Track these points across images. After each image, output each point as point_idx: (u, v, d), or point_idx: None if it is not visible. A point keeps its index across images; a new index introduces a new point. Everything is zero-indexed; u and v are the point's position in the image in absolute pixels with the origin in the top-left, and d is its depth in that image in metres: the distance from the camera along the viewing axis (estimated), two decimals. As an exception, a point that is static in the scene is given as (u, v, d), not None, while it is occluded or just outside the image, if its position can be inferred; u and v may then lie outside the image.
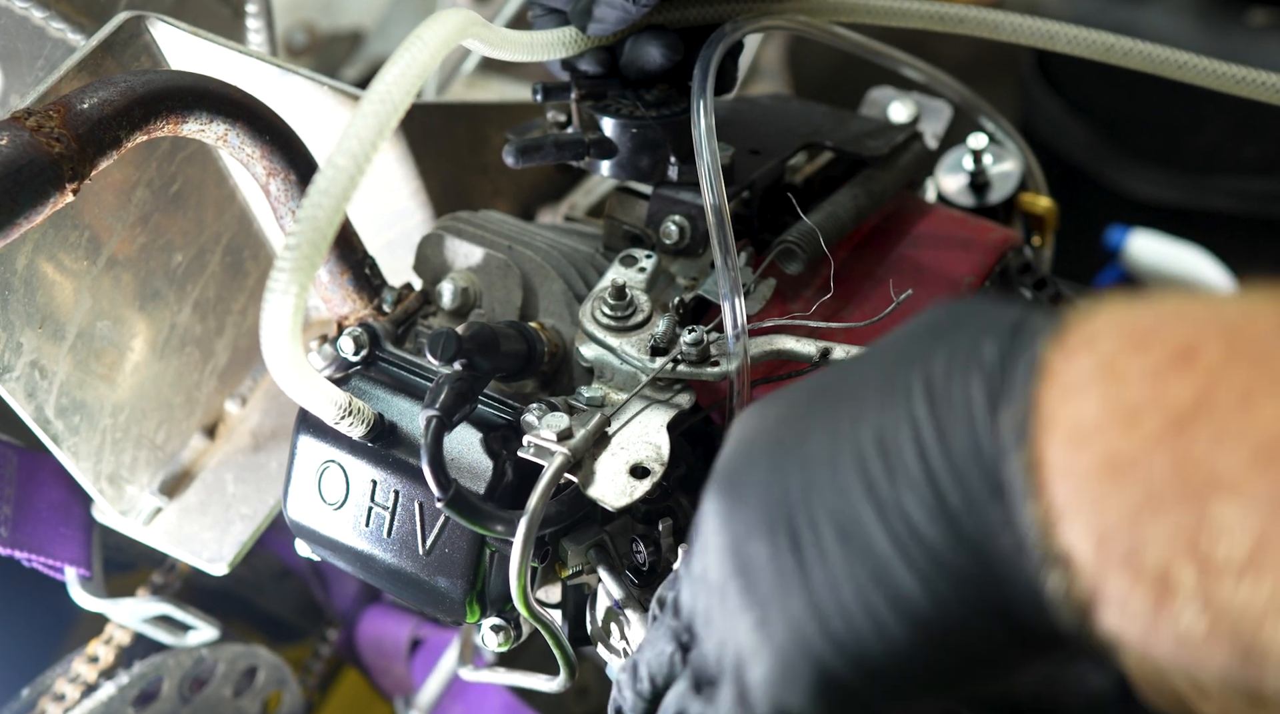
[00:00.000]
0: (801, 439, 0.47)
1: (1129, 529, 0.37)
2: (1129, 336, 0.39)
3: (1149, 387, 0.37)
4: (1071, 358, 0.40)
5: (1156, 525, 0.37)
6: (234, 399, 0.98)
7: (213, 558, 0.88)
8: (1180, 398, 0.37)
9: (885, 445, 0.43)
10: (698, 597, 0.50)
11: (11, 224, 0.62)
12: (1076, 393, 0.39)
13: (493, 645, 0.71)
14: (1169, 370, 0.37)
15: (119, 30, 0.78)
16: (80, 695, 0.92)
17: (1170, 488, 0.36)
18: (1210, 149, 1.61)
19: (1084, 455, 0.38)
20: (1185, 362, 0.37)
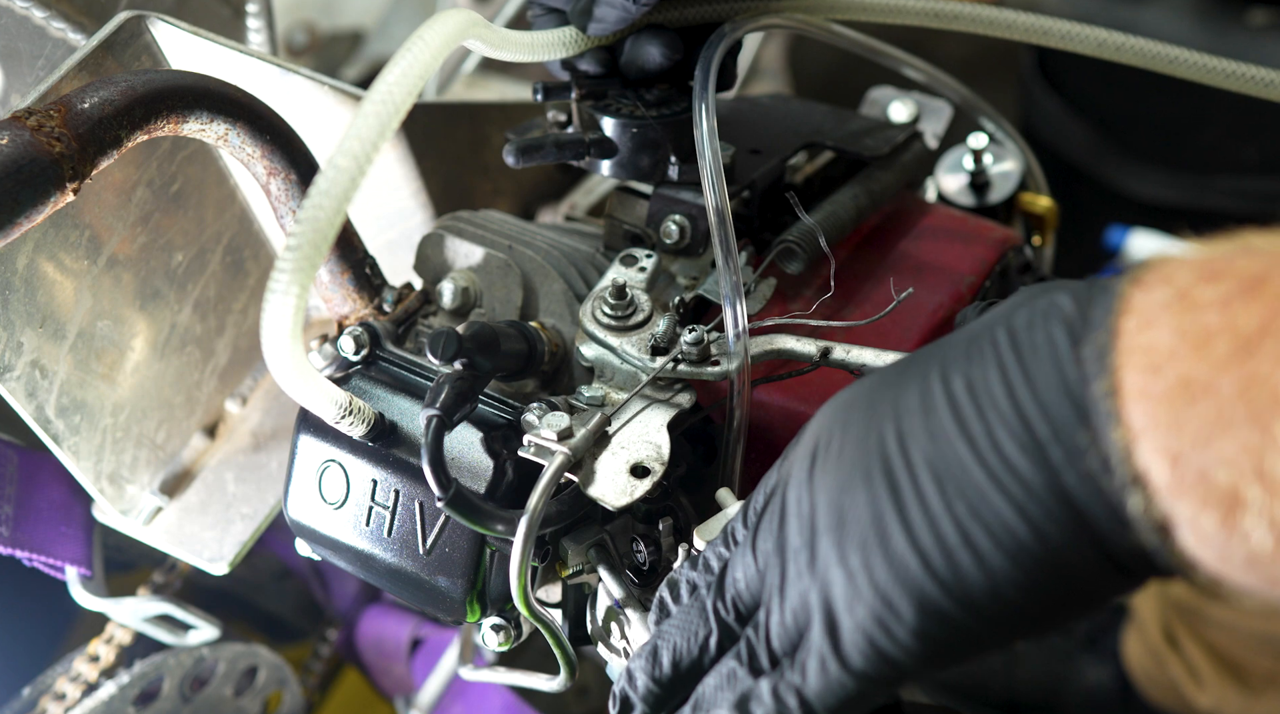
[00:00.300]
0: (894, 397, 0.49)
1: (1200, 449, 0.39)
2: (1201, 270, 0.41)
3: (1219, 313, 0.39)
4: (1148, 291, 0.42)
5: (1225, 445, 0.38)
6: (234, 399, 0.98)
7: (213, 557, 0.88)
8: (1249, 323, 0.39)
9: (975, 389, 0.46)
10: (769, 568, 0.52)
11: (12, 223, 0.62)
12: (1152, 321, 0.41)
13: (493, 645, 0.71)
14: (1238, 298, 0.39)
15: (119, 30, 0.78)
16: (81, 694, 0.92)
17: (1238, 409, 0.38)
18: (1211, 149, 1.61)
19: (1159, 379, 0.40)
20: (1254, 290, 0.39)
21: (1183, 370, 0.39)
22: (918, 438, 0.47)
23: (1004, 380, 0.45)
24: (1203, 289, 0.40)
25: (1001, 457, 0.45)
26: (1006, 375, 0.45)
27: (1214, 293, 0.40)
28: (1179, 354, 0.40)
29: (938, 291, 0.79)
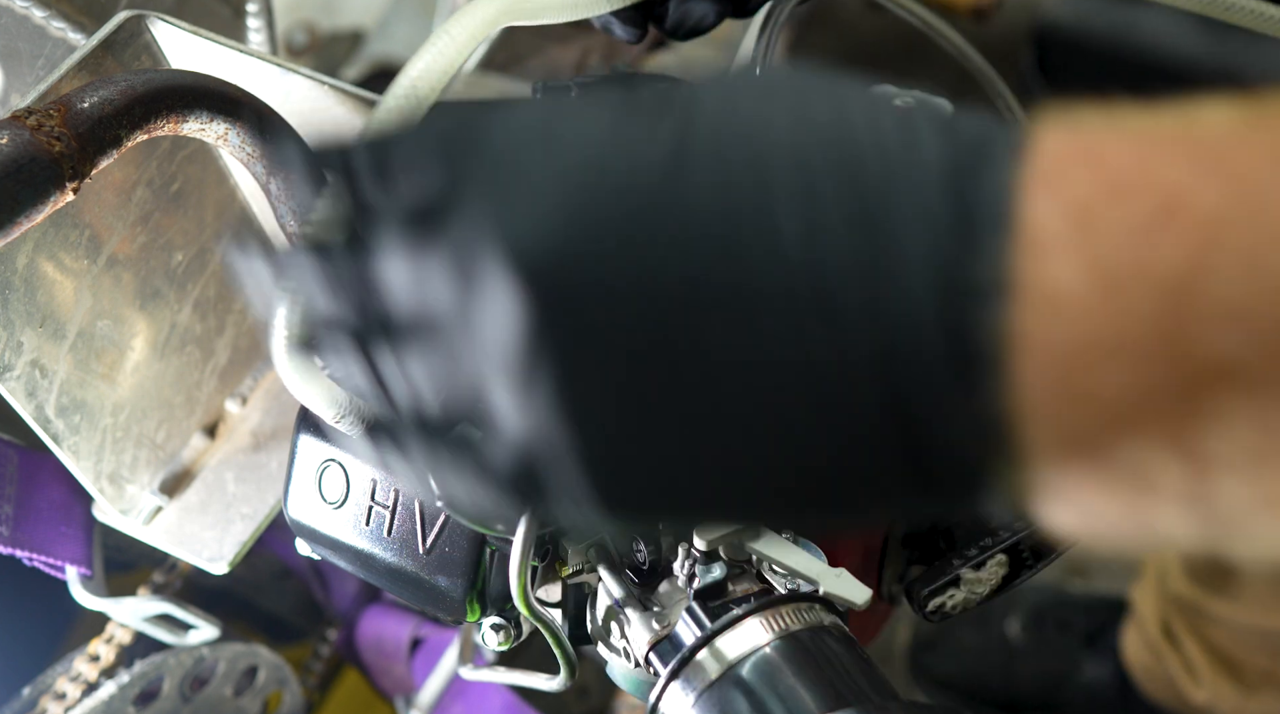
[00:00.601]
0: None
1: (1113, 423, 0.31)
2: (1104, 178, 0.31)
3: (1132, 250, 0.30)
4: (1040, 200, 0.31)
5: (1146, 419, 0.30)
6: (234, 398, 0.98)
7: (213, 557, 0.88)
8: (1170, 264, 0.29)
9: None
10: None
11: (12, 223, 0.62)
12: (1051, 252, 0.31)
13: (493, 644, 0.71)
14: (1152, 224, 0.30)
15: (119, 29, 0.78)
16: (81, 694, 0.92)
17: (1163, 374, 0.30)
18: (1211, 148, 1.61)
19: (1064, 331, 0.30)
20: (1169, 212, 0.30)
21: (1093, 325, 0.30)
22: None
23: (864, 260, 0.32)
24: (1107, 211, 0.30)
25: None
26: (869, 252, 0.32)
27: (1122, 218, 0.30)
28: (1086, 302, 0.30)
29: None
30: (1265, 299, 0.28)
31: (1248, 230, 0.29)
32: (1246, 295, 0.28)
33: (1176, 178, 0.30)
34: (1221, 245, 0.29)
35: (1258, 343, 0.28)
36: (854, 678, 0.59)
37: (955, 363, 0.31)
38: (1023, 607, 1.68)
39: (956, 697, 1.68)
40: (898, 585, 0.89)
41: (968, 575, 0.76)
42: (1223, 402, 0.29)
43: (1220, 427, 0.29)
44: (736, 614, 0.61)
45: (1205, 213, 0.29)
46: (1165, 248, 0.29)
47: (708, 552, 0.64)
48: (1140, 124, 0.33)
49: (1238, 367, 0.29)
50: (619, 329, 0.33)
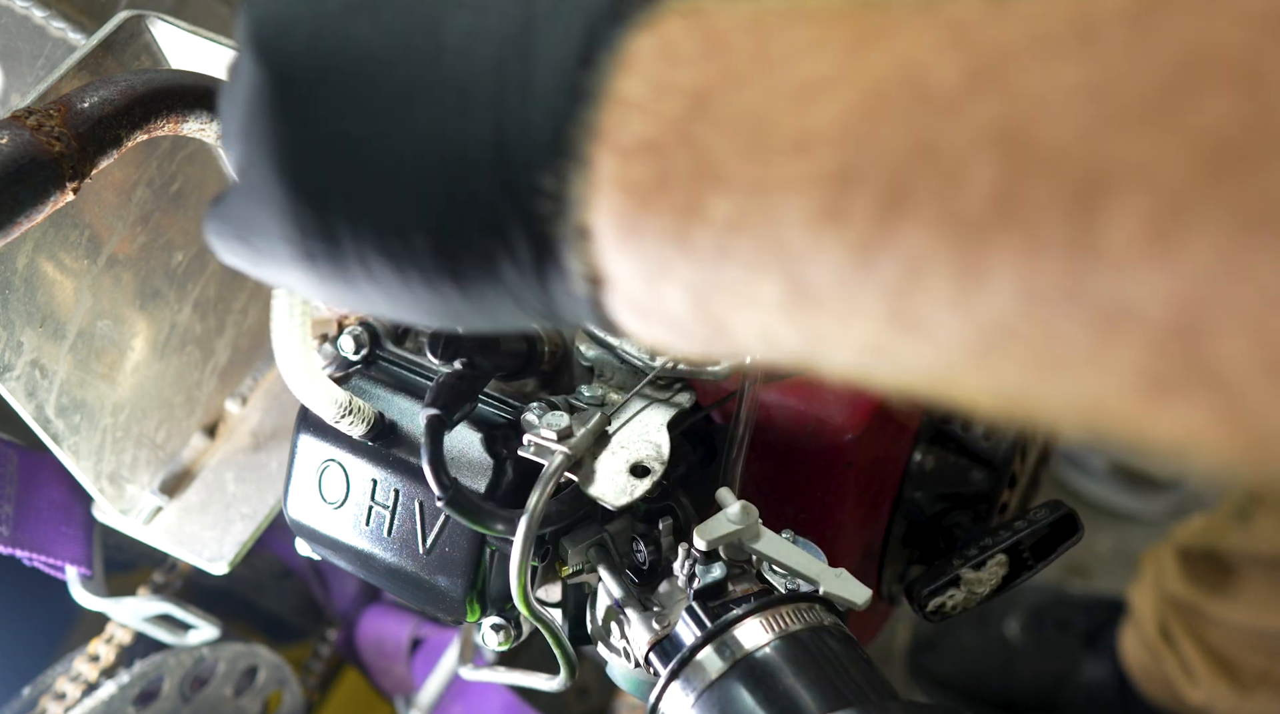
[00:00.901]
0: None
1: (638, 209, 0.36)
2: (689, 25, 0.37)
3: (684, 68, 0.36)
4: (645, 36, 0.38)
5: (659, 208, 0.36)
6: (234, 398, 0.98)
7: (213, 557, 0.88)
8: (698, 83, 0.35)
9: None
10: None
11: (12, 223, 0.62)
12: (635, 64, 0.37)
13: (493, 644, 0.71)
14: (701, 54, 0.36)
15: (119, 29, 0.78)
16: (81, 694, 0.92)
17: (679, 175, 0.35)
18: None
19: (623, 132, 0.37)
20: (716, 47, 0.36)
21: (640, 128, 0.36)
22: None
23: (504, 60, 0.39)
24: (684, 41, 0.37)
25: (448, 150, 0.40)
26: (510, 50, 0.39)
27: (690, 47, 0.36)
28: (641, 108, 0.36)
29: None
30: (741, 116, 0.34)
31: (749, 67, 0.35)
32: (733, 112, 0.35)
33: (728, 27, 0.37)
34: (730, 76, 0.35)
35: (735, 148, 0.34)
36: (854, 678, 0.59)
37: (554, 150, 0.38)
38: (1022, 607, 1.68)
39: (956, 697, 1.68)
40: (898, 585, 0.89)
41: (968, 575, 0.76)
42: (708, 198, 0.35)
43: (705, 222, 0.35)
44: (736, 614, 0.61)
45: (736, 48, 0.36)
46: (700, 72, 0.36)
47: (708, 552, 0.64)
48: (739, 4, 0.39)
49: (720, 168, 0.35)
50: (319, 87, 0.42)
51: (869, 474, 0.78)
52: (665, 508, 0.71)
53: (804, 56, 0.34)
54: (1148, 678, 1.53)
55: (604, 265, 0.38)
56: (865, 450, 0.75)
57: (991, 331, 0.31)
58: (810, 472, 0.76)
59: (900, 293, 0.32)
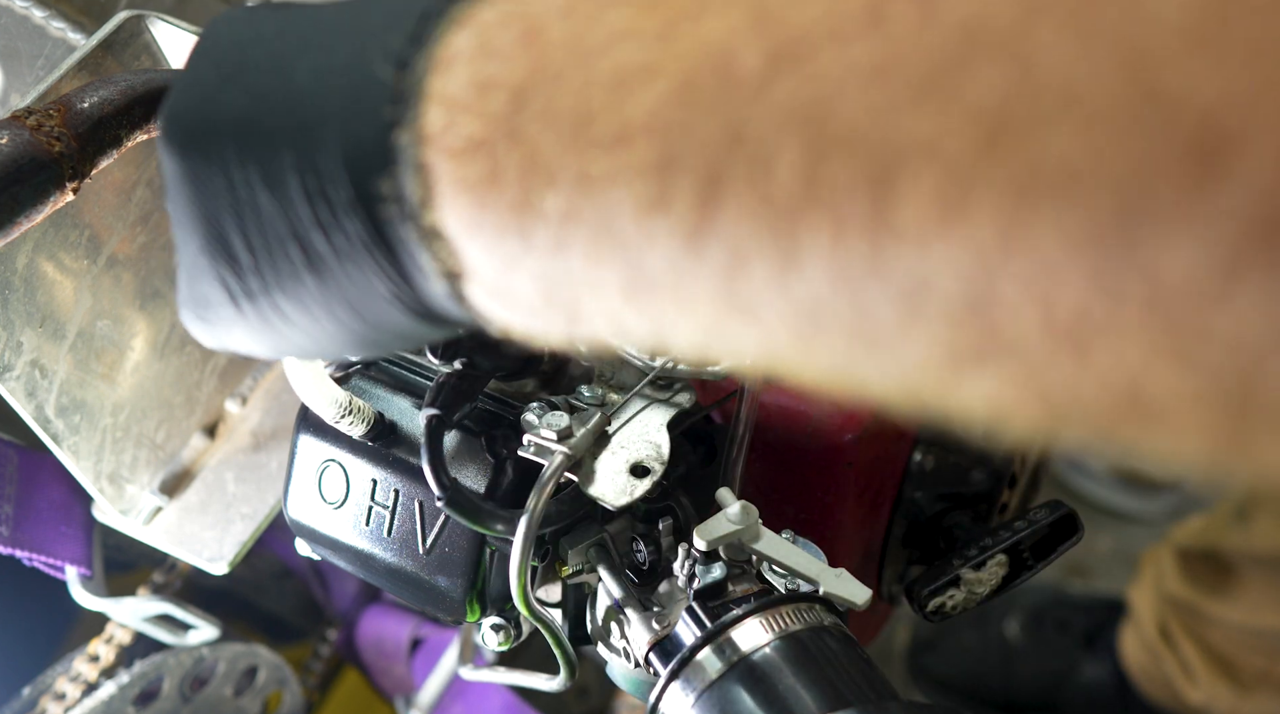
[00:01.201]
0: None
1: (480, 205, 0.37)
2: (504, 13, 0.38)
3: (502, 63, 0.37)
4: (461, 32, 0.39)
5: (498, 203, 0.37)
6: (234, 398, 0.98)
7: (213, 557, 0.88)
8: (518, 76, 0.36)
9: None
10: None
11: (12, 223, 0.62)
12: (454, 63, 0.38)
13: (493, 645, 0.71)
14: (518, 46, 0.37)
15: (119, 29, 0.78)
16: (81, 694, 0.92)
17: (509, 171, 0.36)
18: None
19: (451, 133, 0.38)
20: (531, 38, 0.37)
21: (468, 126, 0.37)
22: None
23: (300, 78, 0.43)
24: (498, 32, 0.38)
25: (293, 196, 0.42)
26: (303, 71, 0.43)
27: (505, 38, 0.38)
28: (467, 106, 0.38)
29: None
30: (559, 106, 0.35)
31: (565, 57, 0.36)
32: (550, 102, 0.35)
33: (545, 18, 0.37)
34: (546, 67, 0.36)
35: (559, 143, 0.35)
36: (854, 678, 0.59)
37: (385, 158, 0.39)
38: (1022, 607, 1.68)
39: (956, 697, 1.68)
40: (898, 585, 0.89)
41: (968, 575, 0.76)
42: (540, 192, 0.36)
43: (542, 205, 0.36)
44: (736, 614, 0.61)
45: (551, 40, 0.36)
46: (518, 65, 0.37)
47: (708, 552, 0.64)
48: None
49: (547, 162, 0.35)
50: (208, 156, 0.44)
51: (869, 474, 0.78)
52: (665, 508, 0.71)
53: (618, 45, 0.35)
54: (1147, 678, 1.54)
55: (459, 261, 0.39)
56: (865, 450, 0.75)
57: (809, 311, 0.31)
58: (810, 472, 0.76)
59: (728, 277, 0.32)
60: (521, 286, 0.38)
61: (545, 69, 0.36)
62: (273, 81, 0.43)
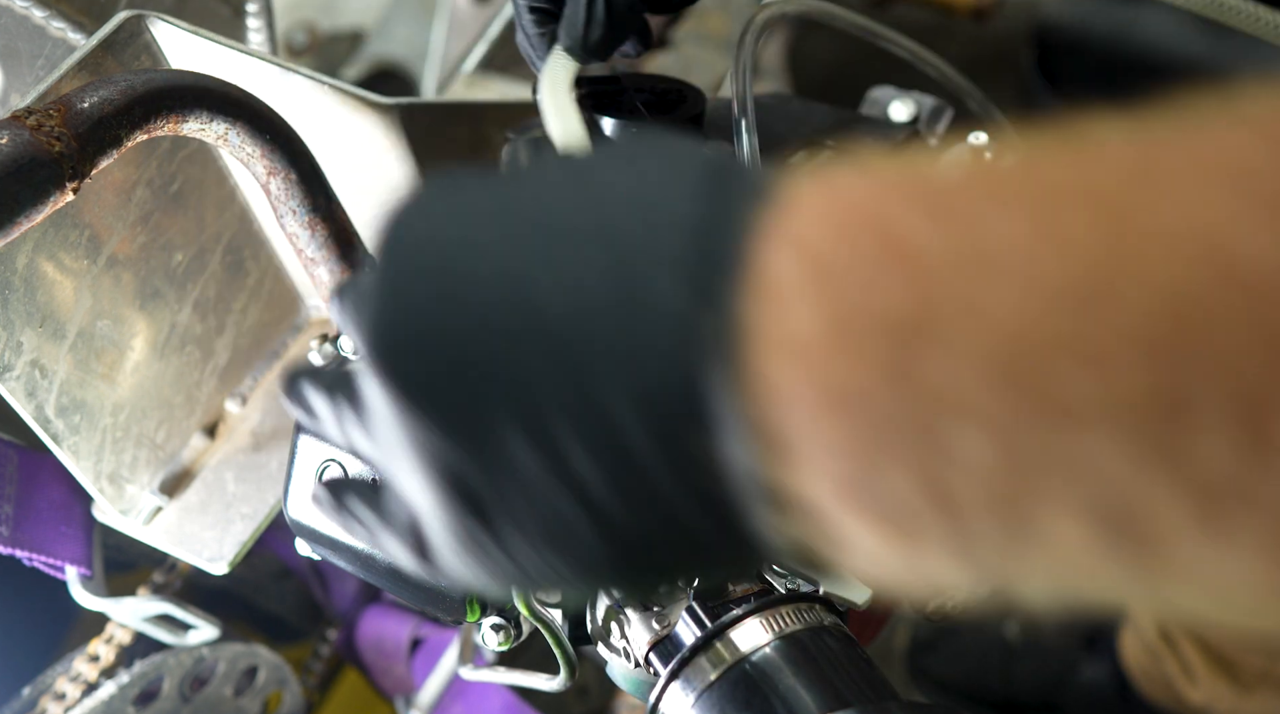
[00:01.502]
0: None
1: (866, 471, 0.31)
2: (837, 224, 0.31)
3: (863, 294, 0.30)
4: (775, 247, 0.32)
5: (895, 465, 0.30)
6: (234, 398, 0.98)
7: (213, 557, 0.88)
8: (898, 309, 0.30)
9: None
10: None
11: (12, 223, 0.62)
12: (789, 302, 0.31)
13: (493, 645, 0.71)
14: (881, 267, 0.30)
15: (119, 29, 0.78)
16: (81, 694, 0.92)
17: (900, 414, 0.30)
18: (1210, 149, 1.61)
19: (808, 383, 0.31)
20: (897, 255, 0.30)
21: (832, 371, 0.30)
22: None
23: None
24: (837, 251, 0.31)
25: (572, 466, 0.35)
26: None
27: (850, 257, 0.30)
28: (823, 347, 0.30)
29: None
30: (983, 339, 0.29)
31: (964, 274, 0.29)
32: (967, 335, 0.29)
33: (904, 222, 0.31)
34: (943, 288, 0.29)
35: (982, 380, 0.29)
36: (854, 678, 0.59)
37: (701, 410, 0.33)
38: (1022, 607, 1.68)
39: (955, 697, 1.68)
40: (897, 586, 0.89)
41: (967, 576, 0.76)
42: (955, 436, 0.29)
43: (959, 461, 0.29)
44: (736, 614, 0.61)
45: (929, 258, 0.30)
46: (893, 292, 0.30)
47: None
48: (881, 170, 0.33)
49: (967, 402, 0.29)
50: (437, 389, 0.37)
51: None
52: (665, 508, 0.71)
53: (1047, 251, 0.28)
54: (1147, 679, 1.53)
55: (825, 530, 0.33)
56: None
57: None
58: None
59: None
60: (926, 562, 0.32)
61: (942, 293, 0.29)
62: (509, 305, 0.35)
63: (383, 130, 0.88)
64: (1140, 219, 0.27)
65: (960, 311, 0.29)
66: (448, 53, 1.27)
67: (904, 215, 0.31)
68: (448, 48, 1.27)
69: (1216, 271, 0.26)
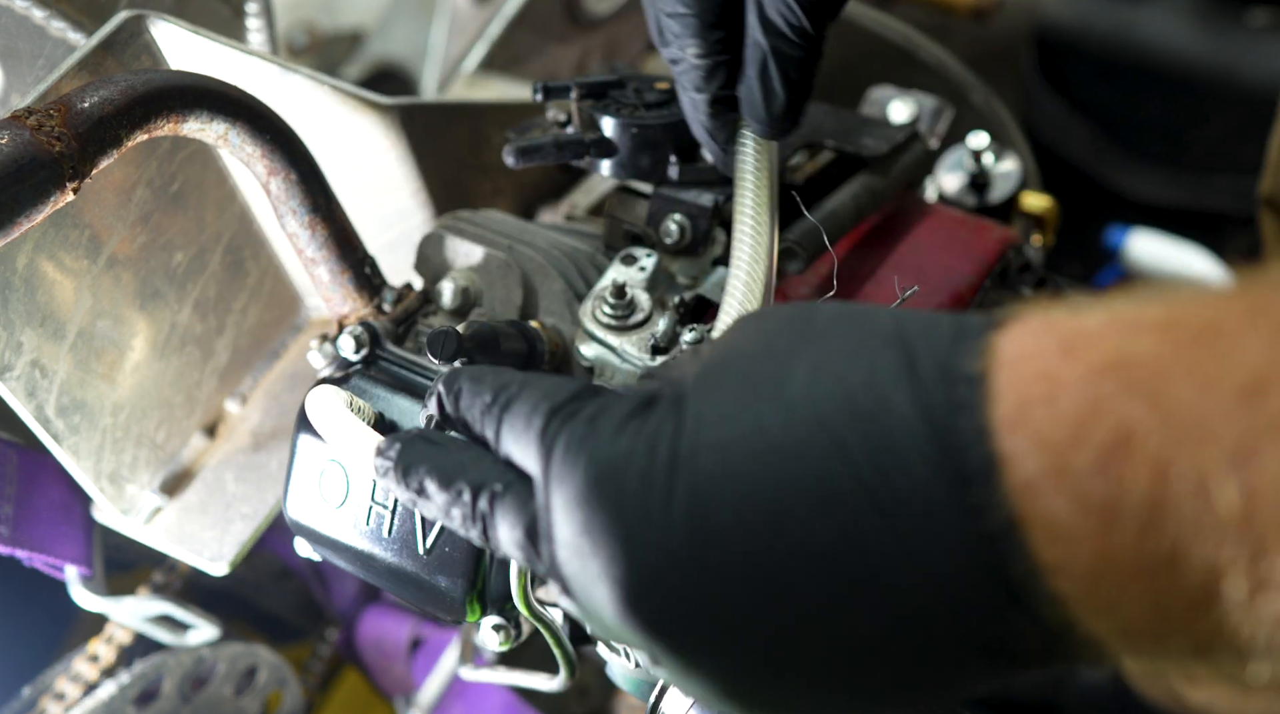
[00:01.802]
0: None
1: (1147, 642, 0.37)
2: (1063, 415, 0.36)
3: (1104, 485, 0.35)
4: (1013, 440, 0.37)
5: (1167, 632, 0.37)
6: (234, 398, 0.98)
7: (213, 557, 0.88)
8: (1137, 495, 0.34)
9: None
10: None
11: (12, 223, 0.62)
12: (1038, 491, 0.36)
13: (493, 645, 0.71)
14: (1116, 463, 0.35)
15: (119, 29, 0.78)
16: (81, 694, 0.92)
17: (1164, 588, 0.35)
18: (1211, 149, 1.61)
19: (1077, 555, 0.36)
20: (1128, 451, 0.35)
21: (1099, 579, 0.36)
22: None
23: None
24: (1071, 456, 0.35)
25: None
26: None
27: (1085, 460, 0.35)
28: (1083, 541, 0.36)
29: (938, 291, 0.79)
30: (1223, 514, 0.33)
31: (1189, 458, 0.34)
32: (1207, 512, 0.33)
33: (1125, 412, 0.35)
34: (1172, 474, 0.34)
35: (1239, 553, 0.33)
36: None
37: (1003, 591, 0.37)
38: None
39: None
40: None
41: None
42: (1216, 604, 0.34)
43: (1227, 628, 0.35)
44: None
45: (1153, 446, 0.34)
46: (1129, 481, 0.34)
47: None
48: (1087, 348, 0.37)
49: (1222, 573, 0.33)
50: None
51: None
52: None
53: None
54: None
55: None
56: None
57: None
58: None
59: None
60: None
61: (1169, 482, 0.34)
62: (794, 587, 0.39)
63: (383, 130, 0.88)
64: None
65: (1193, 495, 0.34)
66: (448, 53, 1.27)
67: (1123, 406, 0.35)
68: (448, 48, 1.27)
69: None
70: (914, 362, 0.39)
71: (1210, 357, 0.34)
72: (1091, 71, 1.65)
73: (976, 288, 0.81)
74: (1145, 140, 1.64)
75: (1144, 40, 1.62)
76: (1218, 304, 0.36)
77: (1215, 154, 1.61)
